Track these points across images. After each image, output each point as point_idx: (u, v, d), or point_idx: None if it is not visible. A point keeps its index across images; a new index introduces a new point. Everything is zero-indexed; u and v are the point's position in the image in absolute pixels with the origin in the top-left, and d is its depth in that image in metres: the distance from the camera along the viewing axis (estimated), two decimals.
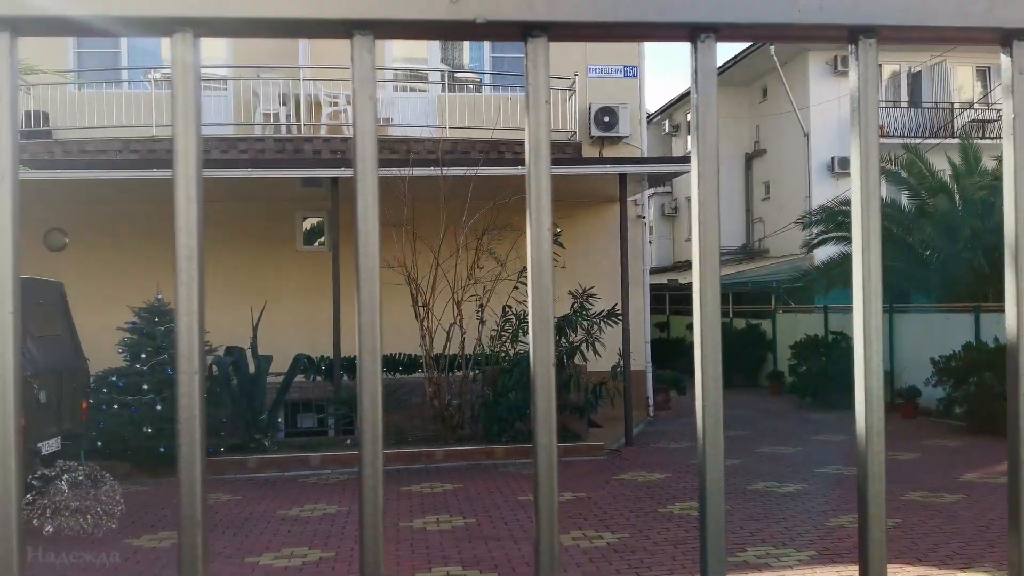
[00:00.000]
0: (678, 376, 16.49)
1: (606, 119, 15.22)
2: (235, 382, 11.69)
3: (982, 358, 12.74)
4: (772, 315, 20.54)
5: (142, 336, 11.07)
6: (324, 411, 13.19)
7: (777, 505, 8.88)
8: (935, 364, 13.82)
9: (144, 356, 10.91)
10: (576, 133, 15.17)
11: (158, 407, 10.49)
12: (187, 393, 0.87)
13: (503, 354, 12.17)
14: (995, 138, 21.40)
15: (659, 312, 23.64)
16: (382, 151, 13.96)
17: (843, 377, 15.76)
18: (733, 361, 20.79)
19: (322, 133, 14.40)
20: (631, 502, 9.07)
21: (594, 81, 15.45)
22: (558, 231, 14.00)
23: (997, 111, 22.35)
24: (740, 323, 21.79)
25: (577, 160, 14.29)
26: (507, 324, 12.30)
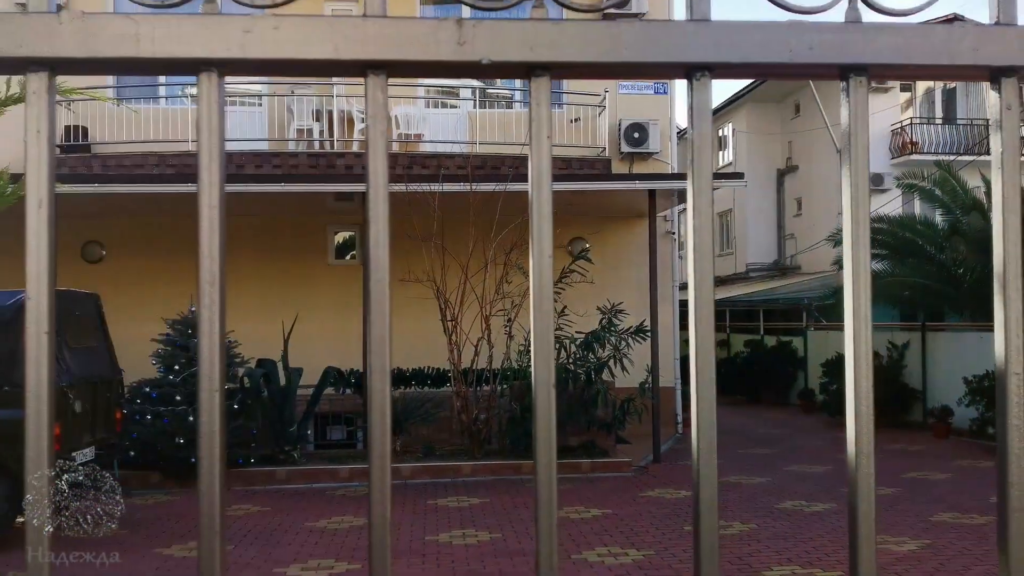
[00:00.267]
0: None
1: (636, 135, 15.25)
2: (266, 394, 11.82)
3: None
4: (803, 332, 20.37)
5: (176, 347, 11.25)
6: (353, 424, 13.29)
7: (805, 524, 8.81)
8: (968, 384, 13.64)
9: (177, 367, 11.07)
10: (606, 149, 15.21)
11: (190, 418, 10.62)
12: (208, 409, 0.93)
13: (530, 369, 12.18)
14: None
15: (688, 328, 23.53)
16: (413, 166, 14.06)
17: (874, 396, 15.57)
18: (763, 378, 20.66)
19: (354, 148, 14.56)
20: (657, 519, 9.04)
21: (624, 97, 15.50)
22: (587, 246, 14.03)
23: None
24: (771, 340, 21.63)
25: (606, 176, 14.32)
26: None
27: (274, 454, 11.50)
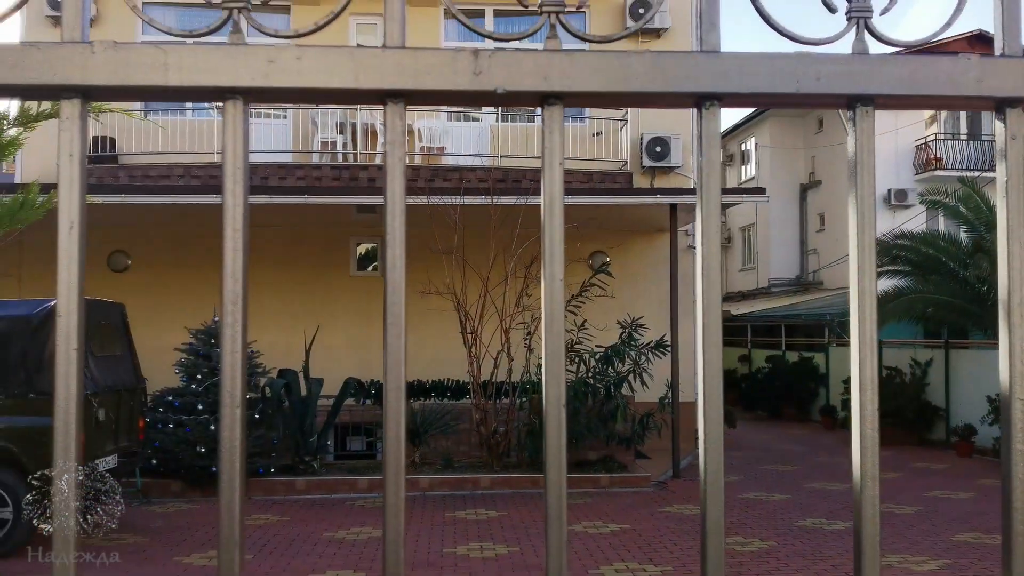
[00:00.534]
0: (728, 409, 16.32)
1: (658, 149, 15.26)
2: (287, 404, 11.90)
3: None
4: (825, 348, 20.25)
5: (198, 357, 11.35)
6: (373, 434, 13.34)
7: (825, 543, 8.75)
8: (992, 402, 13.50)
9: (200, 377, 11.17)
10: (628, 163, 15.23)
11: (212, 427, 10.71)
12: (229, 425, 0.96)
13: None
14: None
15: None
16: (435, 179, 14.12)
17: (897, 414, 15.47)
18: (785, 394, 20.54)
19: (377, 161, 14.66)
20: (676, 535, 9.01)
21: (646, 112, 15.51)
22: (607, 260, 14.03)
23: None
24: (793, 356, 21.51)
25: (628, 190, 14.34)
26: None
27: (294, 464, 11.56)
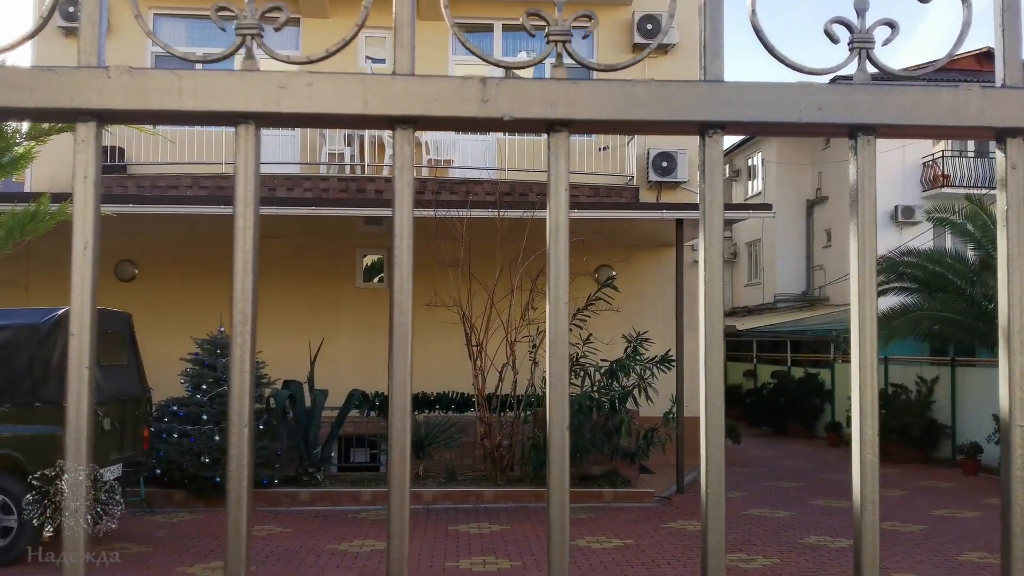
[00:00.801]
0: (733, 424, 16.29)
1: (664, 164, 15.29)
2: (291, 415, 11.91)
3: None
4: (831, 364, 20.21)
5: (204, 367, 11.37)
6: (377, 447, 13.34)
7: (829, 560, 8.71)
8: (998, 421, 13.42)
9: (205, 387, 11.19)
10: (634, 178, 15.26)
11: (216, 437, 10.73)
12: (237, 443, 0.97)
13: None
14: None
15: None
16: (441, 192, 14.17)
17: (903, 431, 15.42)
18: (790, 410, 20.48)
19: (385, 173, 14.72)
20: (679, 551, 8.98)
21: None
22: (613, 274, 14.04)
23: None
24: (798, 371, 21.47)
25: (634, 205, 14.35)
26: None
27: (298, 475, 11.56)
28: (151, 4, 15.04)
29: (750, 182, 29.46)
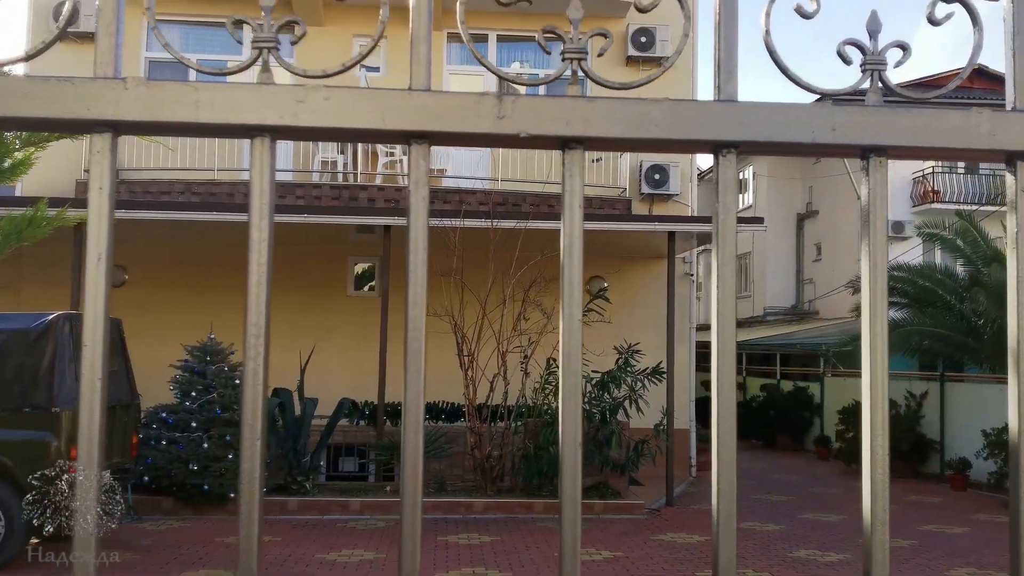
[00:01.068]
0: None
1: (656, 176, 15.34)
2: (280, 423, 11.86)
3: None
4: (820, 378, 20.27)
5: (193, 374, 11.32)
6: (366, 456, 13.29)
7: (819, 574, 8.72)
8: (987, 436, 13.51)
9: (194, 394, 11.13)
10: (626, 190, 15.30)
11: (204, 445, 10.68)
12: (249, 457, 0.97)
13: (545, 407, 12.19)
14: None
15: (704, 370, 23.40)
16: (435, 201, 14.14)
17: (892, 446, 15.39)
18: (779, 423, 20.52)
19: (377, 182, 14.72)
20: (669, 564, 8.97)
21: None
22: (605, 285, 14.05)
23: None
24: (788, 385, 21.52)
25: (626, 217, 14.39)
26: (551, 376, 12.33)
27: (287, 484, 11.51)
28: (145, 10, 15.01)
29: (741, 195, 29.58)
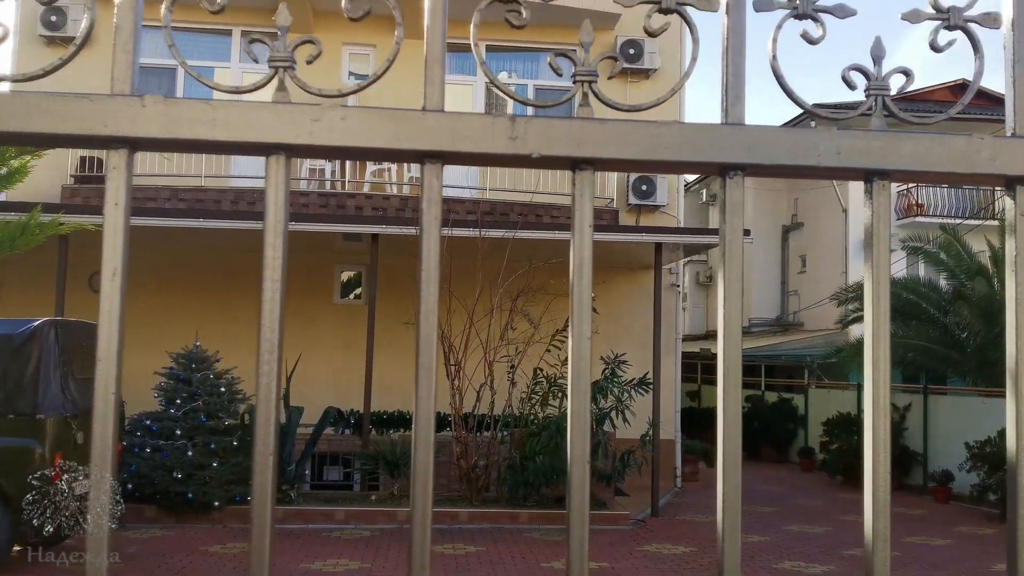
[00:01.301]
0: (707, 447, 16.35)
1: (644, 187, 15.40)
2: None
3: None
4: (805, 390, 20.36)
5: (178, 382, 11.26)
6: (351, 465, 13.24)
7: None
8: (970, 449, 13.60)
9: (179, 401, 11.07)
10: (614, 200, 15.35)
11: (189, 453, 10.61)
12: (261, 471, 0.98)
13: (532, 417, 12.20)
14: None
15: (690, 380, 23.51)
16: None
17: None
18: (764, 434, 20.59)
19: (365, 190, 14.71)
20: (654, 575, 8.98)
21: None
22: (592, 296, 14.07)
23: None
24: (772, 396, 21.61)
25: (614, 227, 14.43)
26: (537, 387, 12.34)
27: None
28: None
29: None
